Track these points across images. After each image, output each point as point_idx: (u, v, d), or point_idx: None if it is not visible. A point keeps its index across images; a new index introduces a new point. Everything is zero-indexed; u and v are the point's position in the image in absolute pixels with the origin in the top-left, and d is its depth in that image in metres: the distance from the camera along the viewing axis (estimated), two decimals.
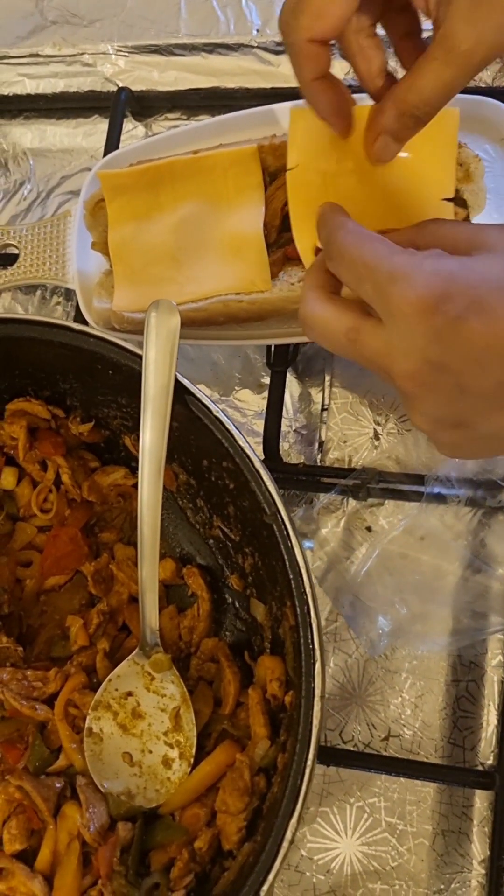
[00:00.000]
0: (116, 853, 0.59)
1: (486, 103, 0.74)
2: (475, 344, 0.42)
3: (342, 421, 0.77)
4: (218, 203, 0.69)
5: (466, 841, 0.68)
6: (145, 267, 0.71)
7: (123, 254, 0.72)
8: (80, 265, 0.78)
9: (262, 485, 0.56)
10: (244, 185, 0.68)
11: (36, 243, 0.81)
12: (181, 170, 0.70)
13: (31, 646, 0.70)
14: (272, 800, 0.55)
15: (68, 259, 0.79)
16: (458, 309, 0.42)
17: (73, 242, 0.79)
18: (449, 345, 0.43)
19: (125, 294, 0.71)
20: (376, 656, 0.72)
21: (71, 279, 0.78)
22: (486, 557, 0.70)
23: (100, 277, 0.75)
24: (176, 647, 0.68)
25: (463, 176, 0.66)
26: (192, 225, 0.70)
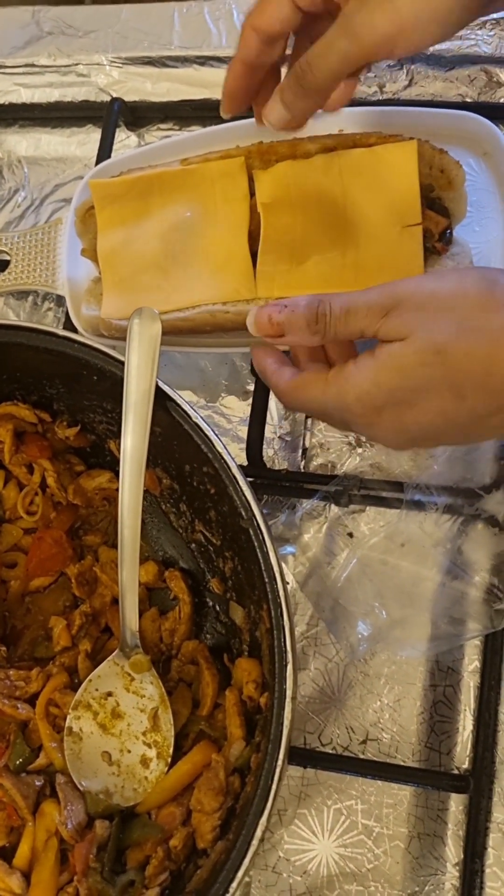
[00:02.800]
0: (93, 850, 0.60)
1: (470, 118, 0.76)
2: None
3: (326, 428, 0.78)
4: (205, 213, 0.71)
5: (441, 844, 0.68)
6: (133, 275, 0.73)
7: (112, 262, 0.73)
8: (69, 272, 0.80)
9: (239, 489, 0.57)
10: (231, 197, 0.69)
11: (27, 250, 0.82)
12: (170, 180, 0.71)
13: (15, 646, 0.71)
14: (245, 799, 0.56)
15: (58, 266, 0.80)
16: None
17: (63, 250, 0.80)
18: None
19: (113, 302, 0.73)
20: (356, 661, 0.73)
21: (60, 286, 0.80)
22: (463, 564, 0.71)
23: (88, 285, 0.77)
24: (157, 649, 0.69)
25: (445, 183, 0.68)
26: (179, 234, 0.71)
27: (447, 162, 0.67)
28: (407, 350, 0.53)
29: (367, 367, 0.55)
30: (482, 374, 0.52)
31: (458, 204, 0.68)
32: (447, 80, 0.85)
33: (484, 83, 0.84)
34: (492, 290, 0.53)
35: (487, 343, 0.52)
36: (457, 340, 0.52)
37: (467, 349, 0.52)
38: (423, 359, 0.53)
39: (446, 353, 0.52)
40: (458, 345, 0.52)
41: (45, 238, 0.82)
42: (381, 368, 0.54)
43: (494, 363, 0.52)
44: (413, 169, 0.66)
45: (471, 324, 0.52)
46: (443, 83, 0.85)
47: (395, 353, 0.54)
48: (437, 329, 0.53)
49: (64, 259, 0.80)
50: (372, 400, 0.55)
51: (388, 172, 0.66)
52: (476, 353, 0.52)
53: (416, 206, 0.66)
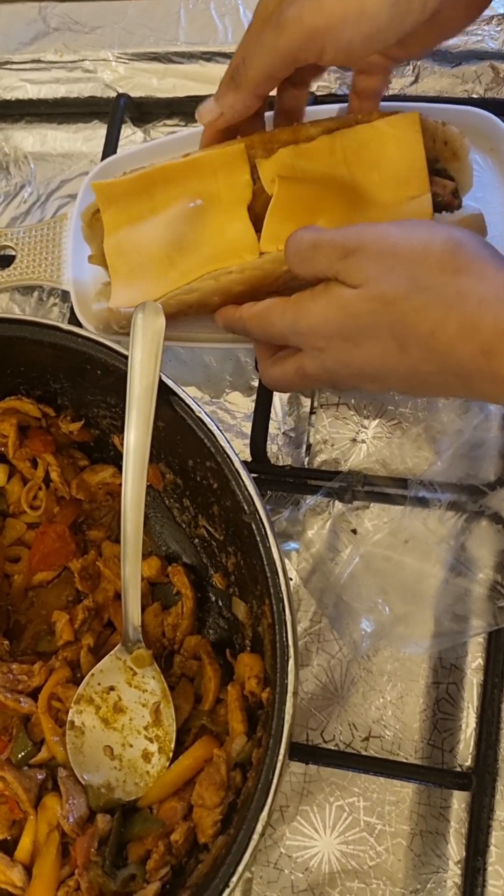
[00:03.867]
0: (94, 844, 0.60)
1: (476, 114, 0.75)
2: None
3: (330, 424, 0.78)
4: (209, 202, 0.70)
5: (443, 842, 0.68)
6: (141, 266, 0.72)
7: (119, 255, 0.73)
8: (75, 268, 0.80)
9: (242, 484, 0.57)
10: (233, 183, 0.69)
11: (32, 245, 0.82)
12: (172, 173, 0.71)
13: (18, 640, 0.71)
14: (246, 794, 0.56)
15: (64, 261, 0.80)
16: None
17: (68, 245, 0.80)
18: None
19: (122, 292, 0.73)
20: (359, 657, 0.73)
21: (66, 281, 0.80)
22: (466, 561, 0.71)
23: (99, 287, 0.77)
24: (160, 644, 0.69)
25: (450, 155, 0.68)
26: (184, 224, 0.71)
27: (450, 133, 0.67)
28: (356, 298, 0.55)
29: (320, 302, 0.58)
30: (427, 333, 0.53)
31: (464, 174, 0.68)
32: (454, 76, 0.84)
33: (491, 79, 0.84)
34: (455, 252, 0.53)
35: (439, 305, 0.52)
36: (407, 296, 0.53)
37: (417, 306, 0.53)
38: (371, 307, 0.55)
39: (395, 306, 0.54)
40: (408, 300, 0.53)
41: (50, 233, 0.82)
42: (331, 307, 0.57)
43: (441, 326, 0.52)
44: (417, 139, 0.66)
45: (426, 282, 0.53)
46: (449, 79, 0.84)
47: (345, 296, 0.56)
48: (391, 281, 0.54)
49: (69, 254, 0.80)
50: (321, 330, 0.58)
51: (393, 145, 0.66)
52: (425, 312, 0.53)
53: (423, 175, 0.66)
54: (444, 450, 0.73)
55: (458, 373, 0.54)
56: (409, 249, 0.54)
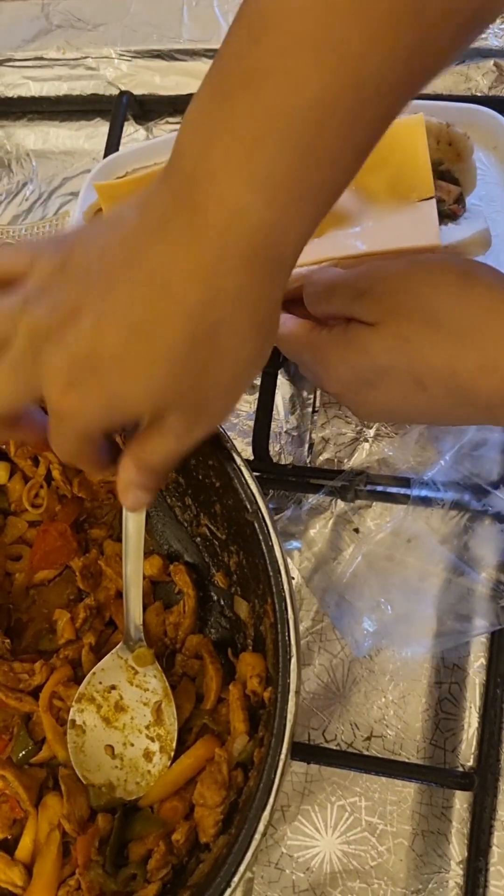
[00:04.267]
0: (95, 844, 0.60)
1: (480, 112, 0.75)
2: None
3: (332, 423, 0.78)
4: None
5: (445, 842, 0.68)
6: None
7: None
8: None
9: (244, 482, 0.57)
10: None
11: None
12: None
13: (19, 638, 0.71)
14: (248, 794, 0.56)
15: None
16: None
17: None
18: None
19: None
20: (361, 656, 0.73)
21: None
22: (470, 561, 0.70)
23: None
24: (161, 643, 0.69)
25: (454, 156, 0.68)
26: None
27: (454, 135, 0.67)
28: (374, 336, 0.55)
29: (337, 345, 0.57)
30: (447, 371, 0.52)
31: (468, 175, 0.68)
32: (457, 73, 0.84)
33: (495, 77, 0.83)
34: (467, 283, 0.53)
35: (454, 340, 0.52)
36: (422, 331, 0.53)
37: (433, 342, 0.53)
38: (388, 345, 0.54)
39: (411, 343, 0.53)
40: (423, 336, 0.53)
41: (52, 231, 0.82)
42: (349, 347, 0.56)
43: (459, 362, 0.52)
44: (422, 142, 0.65)
45: (438, 316, 0.53)
46: (453, 77, 0.84)
47: (362, 335, 0.56)
48: (405, 318, 0.53)
49: None
50: (339, 375, 0.58)
51: (398, 148, 0.66)
52: (441, 347, 0.52)
53: (428, 178, 0.66)
54: (447, 449, 0.73)
55: (482, 405, 0.53)
56: (418, 282, 0.54)
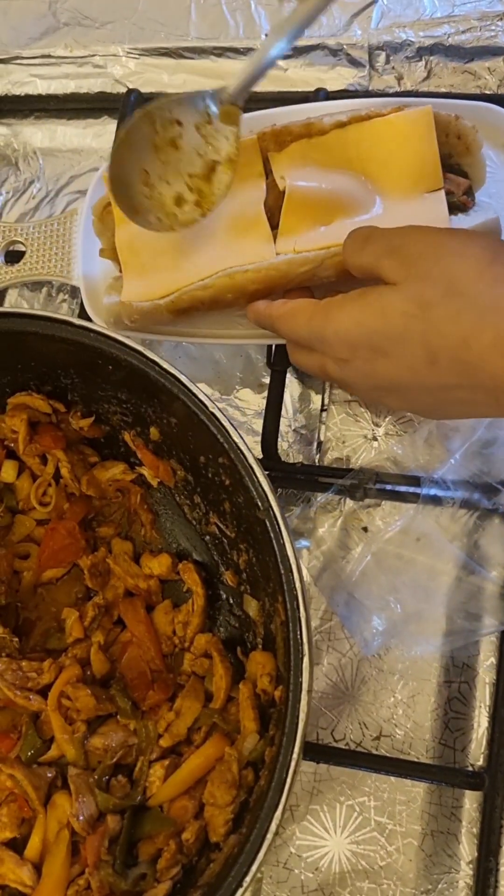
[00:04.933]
0: (105, 843, 0.60)
1: (490, 109, 0.74)
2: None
3: (341, 421, 0.78)
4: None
5: (455, 842, 0.68)
6: (152, 259, 0.72)
7: (131, 249, 0.72)
8: (85, 263, 0.79)
9: (256, 480, 0.56)
10: (246, 175, 0.69)
11: (42, 241, 0.81)
12: None
13: (27, 637, 0.71)
14: (259, 793, 0.56)
15: (74, 257, 0.80)
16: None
17: (78, 241, 0.80)
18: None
19: (134, 286, 0.72)
20: (370, 655, 0.72)
21: (76, 277, 0.79)
22: (480, 559, 0.70)
23: (109, 282, 0.76)
24: (170, 642, 0.69)
25: (463, 150, 0.68)
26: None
27: (463, 128, 0.66)
28: (394, 296, 0.54)
29: (353, 305, 0.57)
30: (459, 342, 0.52)
31: (477, 170, 0.67)
32: (466, 71, 0.84)
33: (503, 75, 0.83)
34: (493, 261, 0.52)
35: (473, 313, 0.51)
36: (443, 300, 0.52)
37: (451, 313, 0.52)
38: (406, 308, 0.54)
39: (430, 309, 0.53)
40: (442, 305, 0.52)
41: (60, 229, 0.81)
42: (366, 308, 0.56)
43: (474, 336, 0.51)
44: (431, 134, 0.65)
45: (463, 288, 0.52)
46: (462, 75, 0.84)
47: (382, 294, 0.55)
48: (429, 282, 0.53)
49: (79, 250, 0.80)
50: (349, 337, 0.57)
51: (406, 140, 0.66)
52: (459, 319, 0.52)
53: (436, 170, 0.65)
54: (456, 447, 0.72)
55: (487, 387, 0.52)
56: (449, 251, 0.53)
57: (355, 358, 0.57)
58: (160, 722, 0.65)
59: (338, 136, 0.67)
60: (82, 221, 0.80)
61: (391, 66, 0.86)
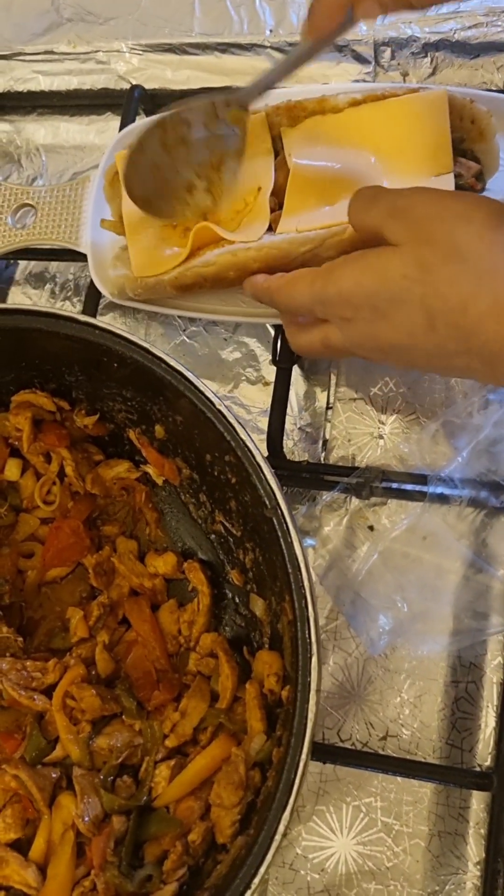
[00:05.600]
0: (110, 844, 0.59)
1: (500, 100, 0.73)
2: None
3: (347, 419, 0.77)
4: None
5: (462, 842, 0.67)
6: (160, 233, 0.71)
7: (139, 222, 0.72)
8: (94, 232, 0.78)
9: (263, 478, 0.56)
10: (254, 152, 0.68)
11: (53, 205, 0.81)
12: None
13: (32, 636, 0.70)
14: (266, 794, 0.55)
15: (83, 224, 0.79)
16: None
17: (89, 208, 0.79)
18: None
19: (142, 259, 0.72)
20: (376, 655, 0.72)
21: (84, 244, 0.78)
22: (487, 557, 0.70)
23: (116, 251, 0.76)
24: (175, 642, 0.68)
25: (476, 135, 0.67)
26: (204, 190, 0.70)
27: (478, 112, 0.66)
28: (395, 258, 0.54)
29: (354, 265, 0.57)
30: (458, 307, 0.52)
31: (490, 157, 0.67)
32: (472, 67, 0.83)
33: None
34: (498, 226, 0.52)
35: (473, 277, 0.51)
36: (444, 263, 0.52)
37: (451, 276, 0.52)
38: (407, 271, 0.54)
39: (430, 272, 0.53)
40: (442, 268, 0.52)
41: (72, 195, 0.80)
42: (366, 269, 0.56)
43: (473, 300, 0.51)
44: (444, 116, 0.65)
45: (463, 251, 0.52)
46: (468, 70, 0.83)
47: (382, 256, 0.55)
48: (431, 245, 0.53)
49: (89, 217, 0.79)
50: (351, 296, 0.57)
51: (419, 121, 0.65)
52: (458, 283, 0.52)
53: (447, 152, 0.65)
54: (463, 445, 0.72)
55: (483, 354, 0.53)
56: (452, 214, 0.53)
57: (357, 318, 0.57)
58: (166, 722, 0.64)
59: (351, 115, 0.67)
60: (94, 188, 0.79)
61: (396, 63, 0.85)
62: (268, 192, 0.68)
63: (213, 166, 0.62)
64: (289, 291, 0.62)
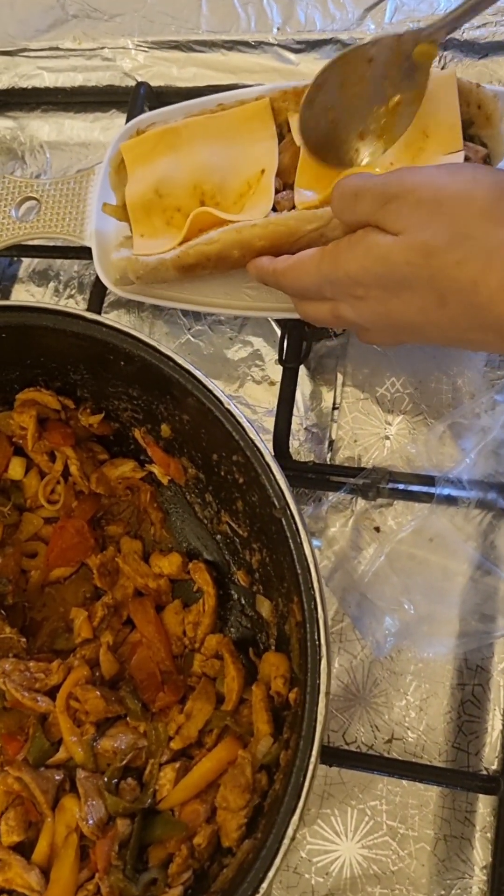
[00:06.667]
0: (114, 847, 0.58)
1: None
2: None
3: (353, 420, 0.77)
4: (232, 157, 0.70)
5: (468, 846, 0.67)
6: (164, 218, 0.71)
7: (143, 206, 0.71)
8: (98, 225, 0.77)
9: (273, 478, 0.55)
10: (258, 138, 0.69)
11: (57, 198, 0.80)
12: (197, 128, 0.70)
13: (35, 637, 0.70)
14: (274, 797, 0.55)
15: (87, 217, 0.78)
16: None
17: (93, 201, 0.78)
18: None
19: (145, 241, 0.71)
20: (382, 657, 0.71)
21: (87, 237, 0.77)
22: (495, 560, 0.69)
23: (120, 240, 0.75)
24: (180, 643, 0.68)
25: (483, 120, 0.67)
26: (208, 179, 0.70)
27: (484, 96, 0.65)
28: (396, 247, 0.54)
29: (358, 251, 0.56)
30: (469, 287, 0.52)
31: (496, 142, 0.67)
32: (481, 66, 0.83)
33: None
34: (500, 199, 0.51)
35: (481, 256, 0.51)
36: (448, 246, 0.52)
37: (458, 258, 0.51)
38: (409, 258, 0.53)
39: (435, 258, 0.52)
40: (449, 252, 0.52)
41: (76, 188, 0.80)
42: (369, 254, 0.56)
43: (483, 278, 0.51)
44: (453, 98, 0.65)
45: (469, 231, 0.51)
46: (477, 70, 0.83)
47: (383, 244, 0.55)
48: (432, 230, 0.52)
49: (93, 210, 0.78)
50: (360, 279, 0.57)
51: (428, 101, 0.65)
52: (466, 264, 0.51)
53: (457, 133, 0.65)
54: (470, 447, 0.71)
55: (498, 329, 0.53)
56: (451, 195, 0.52)
57: (369, 297, 0.57)
58: (170, 724, 0.64)
59: None
60: (98, 182, 0.78)
61: None
62: (272, 174, 0.68)
63: (388, 110, 0.62)
64: (295, 274, 0.62)
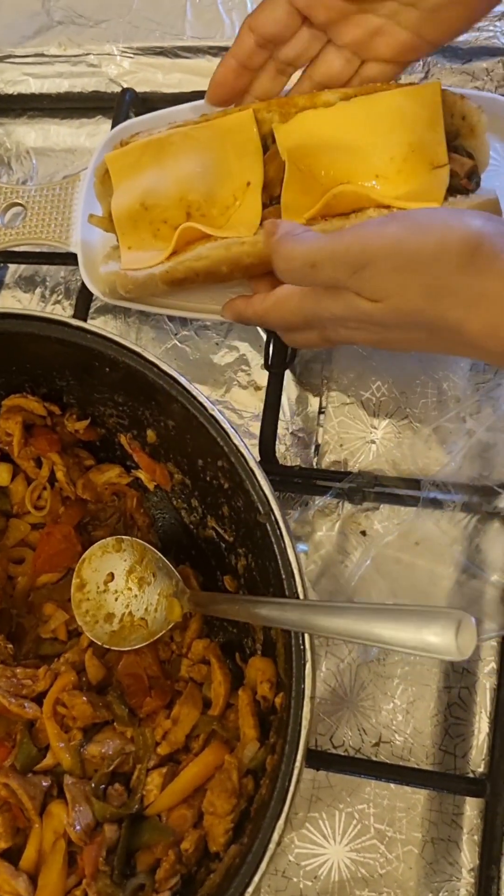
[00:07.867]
0: (102, 853, 0.59)
1: (496, 101, 0.74)
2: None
3: (339, 424, 0.77)
4: (217, 169, 0.70)
5: (456, 849, 0.67)
6: (150, 231, 0.71)
7: (129, 219, 0.71)
8: (84, 231, 0.78)
9: (257, 484, 0.56)
10: (242, 152, 0.68)
11: (43, 205, 0.80)
12: (181, 140, 0.70)
13: (21, 643, 0.69)
14: (260, 802, 0.55)
15: (73, 224, 0.78)
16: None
17: (79, 207, 0.78)
18: None
19: (132, 255, 0.71)
20: (369, 660, 0.72)
21: (74, 243, 0.78)
22: (480, 563, 0.69)
23: (107, 251, 0.75)
24: (167, 648, 0.68)
25: (468, 131, 0.67)
26: (193, 191, 0.70)
27: (468, 108, 0.66)
28: (378, 312, 0.56)
29: (340, 304, 0.58)
30: (455, 327, 0.54)
31: (481, 152, 0.67)
32: (464, 72, 0.83)
33: (502, 76, 0.83)
34: (475, 250, 0.51)
35: (460, 307, 0.52)
36: (431, 304, 0.53)
37: (442, 311, 0.53)
38: (394, 319, 0.56)
39: (421, 315, 0.54)
40: (430, 310, 0.54)
41: (62, 194, 0.80)
42: (351, 311, 0.58)
43: (467, 326, 0.53)
44: (437, 109, 0.65)
45: (448, 286, 0.52)
46: (460, 76, 0.83)
47: (365, 308, 0.56)
48: (410, 297, 0.54)
49: (79, 217, 0.78)
50: (347, 320, 0.59)
51: (412, 114, 0.65)
52: (448, 315, 0.53)
53: (441, 146, 0.65)
54: (455, 451, 0.72)
55: (487, 355, 0.56)
56: (426, 258, 0.52)
57: (361, 329, 0.60)
58: (157, 729, 0.64)
59: (343, 109, 0.67)
60: (84, 188, 0.78)
61: None
62: (258, 187, 0.68)
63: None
64: (279, 313, 0.64)
